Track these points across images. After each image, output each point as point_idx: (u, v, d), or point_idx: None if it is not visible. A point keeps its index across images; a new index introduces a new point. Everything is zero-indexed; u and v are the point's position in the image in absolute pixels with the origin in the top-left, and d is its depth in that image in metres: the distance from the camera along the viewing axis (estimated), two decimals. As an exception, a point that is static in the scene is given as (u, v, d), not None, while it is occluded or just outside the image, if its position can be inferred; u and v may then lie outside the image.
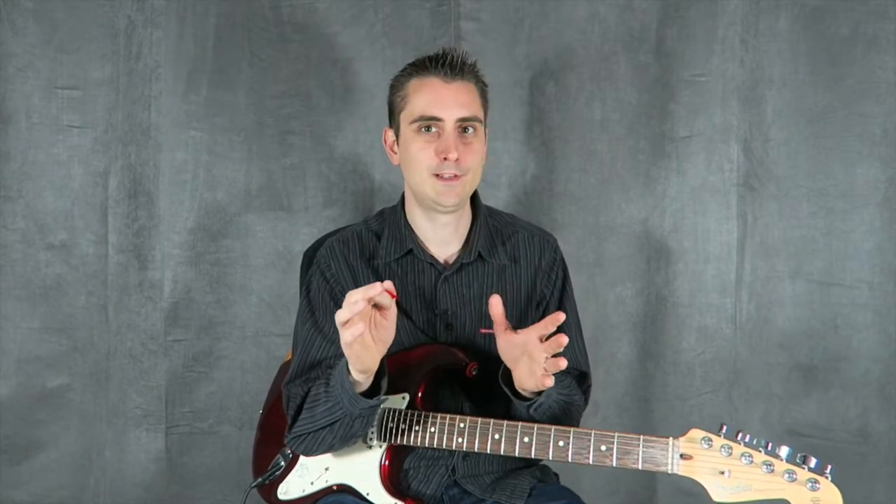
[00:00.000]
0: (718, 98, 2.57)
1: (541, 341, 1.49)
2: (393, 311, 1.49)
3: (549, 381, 1.50)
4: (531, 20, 2.60)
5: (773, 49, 2.54)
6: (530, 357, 1.52)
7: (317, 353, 1.74)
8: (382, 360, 1.55)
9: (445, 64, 1.71)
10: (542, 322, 1.49)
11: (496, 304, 1.58)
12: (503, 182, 2.62)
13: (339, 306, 1.75)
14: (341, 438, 1.64)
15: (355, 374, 1.53)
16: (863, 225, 2.53)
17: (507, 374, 1.63)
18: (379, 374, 1.57)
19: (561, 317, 1.46)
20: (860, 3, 2.50)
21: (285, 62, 2.61)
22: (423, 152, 1.70)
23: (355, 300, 1.42)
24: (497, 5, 2.60)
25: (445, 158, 1.68)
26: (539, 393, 1.59)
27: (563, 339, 1.45)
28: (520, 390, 1.60)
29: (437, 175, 1.69)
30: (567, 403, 1.71)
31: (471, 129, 1.72)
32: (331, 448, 1.68)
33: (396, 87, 1.77)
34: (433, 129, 1.70)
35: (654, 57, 2.59)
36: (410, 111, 1.72)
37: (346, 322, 1.43)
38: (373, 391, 1.58)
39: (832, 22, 2.51)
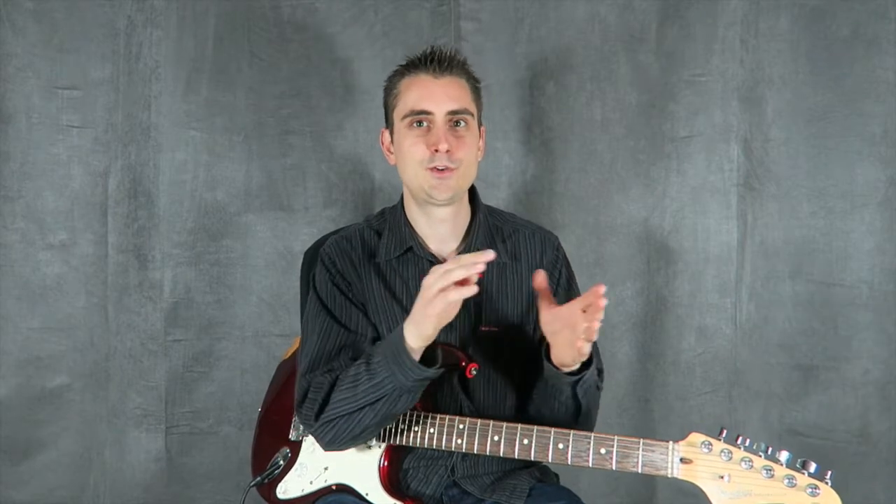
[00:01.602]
0: (718, 98, 2.57)
1: (583, 312, 1.50)
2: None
3: (586, 348, 1.52)
4: (531, 20, 2.60)
5: (773, 49, 2.54)
6: (572, 328, 1.52)
7: (336, 342, 1.74)
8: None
9: (434, 60, 1.73)
10: (586, 295, 1.50)
11: (541, 280, 1.59)
12: (503, 182, 2.62)
13: (348, 298, 1.76)
14: (382, 417, 1.61)
15: (416, 342, 1.54)
16: (863, 225, 2.52)
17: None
18: (432, 346, 1.58)
19: (602, 289, 1.47)
20: (860, 3, 2.50)
21: (285, 62, 2.61)
22: (415, 147, 1.71)
23: (473, 262, 1.44)
24: (497, 5, 2.60)
25: (436, 150, 1.69)
26: (582, 371, 1.61)
27: (601, 289, 1.47)
28: (558, 364, 1.61)
29: (430, 168, 1.70)
30: (597, 388, 1.73)
31: (462, 123, 1.73)
32: (364, 431, 1.64)
33: (389, 87, 1.80)
34: (424, 124, 1.72)
35: (654, 57, 2.59)
36: (402, 107, 1.74)
37: (448, 287, 1.45)
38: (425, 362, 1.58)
39: (832, 22, 2.51)
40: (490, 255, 1.45)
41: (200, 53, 2.59)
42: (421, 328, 1.53)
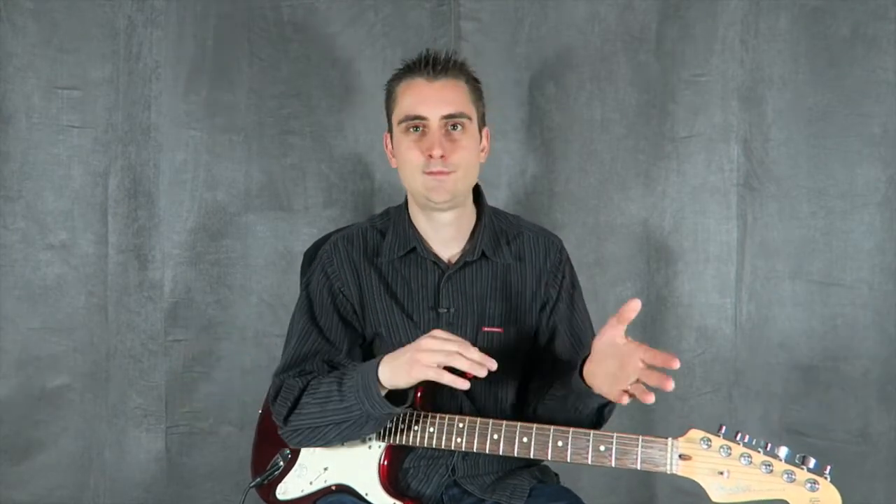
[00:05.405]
0: (718, 98, 2.57)
1: (642, 364, 1.46)
2: None
3: (625, 399, 1.51)
4: (531, 20, 2.60)
5: (773, 49, 2.54)
6: (621, 367, 1.49)
7: (311, 346, 1.76)
8: None
9: (428, 63, 1.72)
10: (658, 354, 1.46)
11: (631, 310, 1.52)
12: (503, 182, 2.62)
13: (337, 303, 1.78)
14: (346, 436, 1.66)
15: (387, 382, 1.57)
16: (863, 225, 2.52)
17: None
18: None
19: (675, 363, 1.45)
20: (860, 3, 2.50)
21: (285, 62, 2.61)
22: (411, 151, 1.72)
23: (481, 364, 1.51)
24: (497, 5, 2.60)
25: (431, 156, 1.69)
26: None
27: (675, 364, 1.43)
28: (588, 383, 1.58)
29: (427, 172, 1.71)
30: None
31: (459, 127, 1.72)
32: (328, 444, 1.70)
33: (388, 92, 1.80)
34: (420, 129, 1.72)
35: (654, 57, 2.59)
36: (399, 113, 1.74)
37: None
38: (394, 395, 1.60)
39: (832, 22, 2.51)
40: (493, 365, 1.50)
41: (200, 53, 2.59)
42: (395, 377, 1.56)
